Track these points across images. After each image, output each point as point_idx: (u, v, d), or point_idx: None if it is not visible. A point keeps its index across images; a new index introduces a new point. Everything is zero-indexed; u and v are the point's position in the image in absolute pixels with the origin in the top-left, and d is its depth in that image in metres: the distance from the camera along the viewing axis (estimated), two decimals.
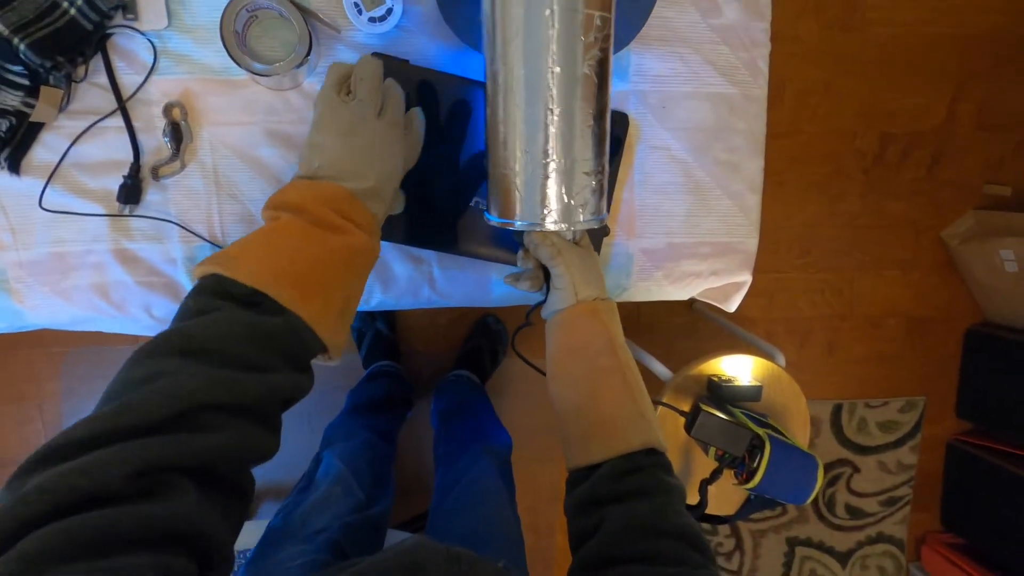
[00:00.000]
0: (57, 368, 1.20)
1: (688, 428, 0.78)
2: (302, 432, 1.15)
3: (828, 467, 1.50)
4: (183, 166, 0.70)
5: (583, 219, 0.53)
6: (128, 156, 0.68)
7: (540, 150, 0.50)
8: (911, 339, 1.47)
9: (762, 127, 0.80)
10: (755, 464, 0.73)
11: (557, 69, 0.49)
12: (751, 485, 0.74)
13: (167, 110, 0.68)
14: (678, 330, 1.40)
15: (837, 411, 1.48)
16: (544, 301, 0.60)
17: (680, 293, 0.84)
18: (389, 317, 1.44)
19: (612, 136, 0.73)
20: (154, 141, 0.69)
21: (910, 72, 1.36)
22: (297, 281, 0.43)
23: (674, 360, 0.98)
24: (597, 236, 0.76)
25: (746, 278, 0.84)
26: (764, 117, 0.79)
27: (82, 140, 0.68)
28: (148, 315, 0.74)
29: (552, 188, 0.51)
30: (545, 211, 0.52)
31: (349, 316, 0.49)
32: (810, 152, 1.33)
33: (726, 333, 1.36)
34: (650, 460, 0.48)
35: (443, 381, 1.37)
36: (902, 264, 1.45)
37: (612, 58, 0.54)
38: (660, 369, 0.95)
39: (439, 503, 0.89)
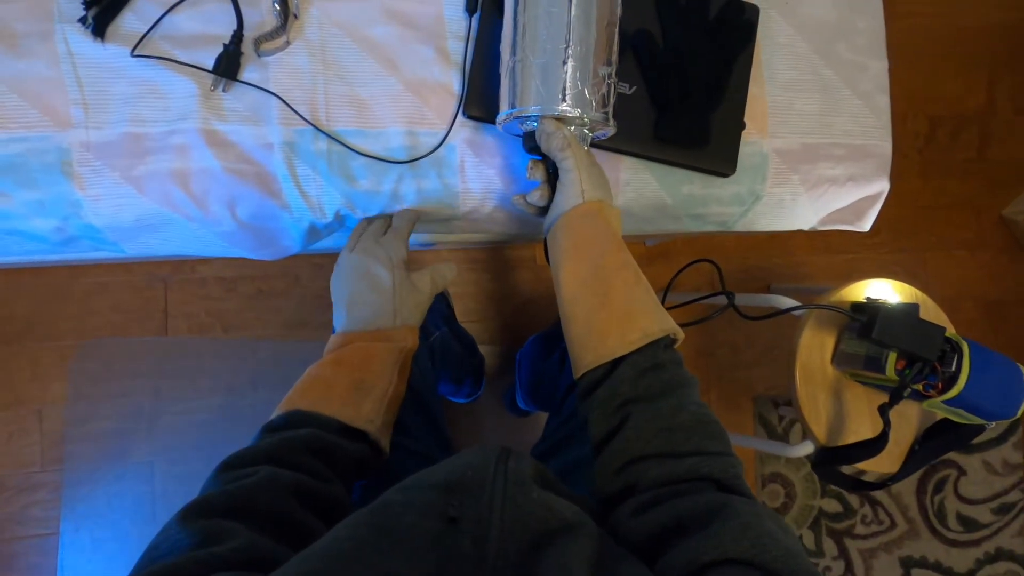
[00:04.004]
0: (66, 365, 1.02)
1: (866, 332, 0.66)
2: None
3: (931, 470, 1.35)
4: (288, 43, 0.62)
5: (595, 112, 0.54)
6: (226, 30, 0.61)
7: (561, 37, 0.53)
8: (991, 323, 1.41)
9: (881, 27, 0.78)
10: (953, 368, 0.61)
11: None
12: (952, 394, 0.61)
13: None
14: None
15: None
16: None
17: (813, 207, 0.77)
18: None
19: (743, 22, 0.70)
20: (257, 16, 0.62)
21: (944, 60, 1.42)
22: (319, 390, 0.51)
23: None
24: (733, 130, 0.70)
25: (883, 187, 0.78)
26: (882, 18, 0.78)
27: (177, 10, 0.60)
28: (231, 213, 0.62)
29: (569, 73, 0.53)
30: (561, 96, 0.53)
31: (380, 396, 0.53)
32: None
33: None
34: (668, 355, 0.48)
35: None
36: (968, 244, 1.42)
37: None
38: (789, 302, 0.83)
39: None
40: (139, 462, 1.05)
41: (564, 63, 0.53)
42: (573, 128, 0.56)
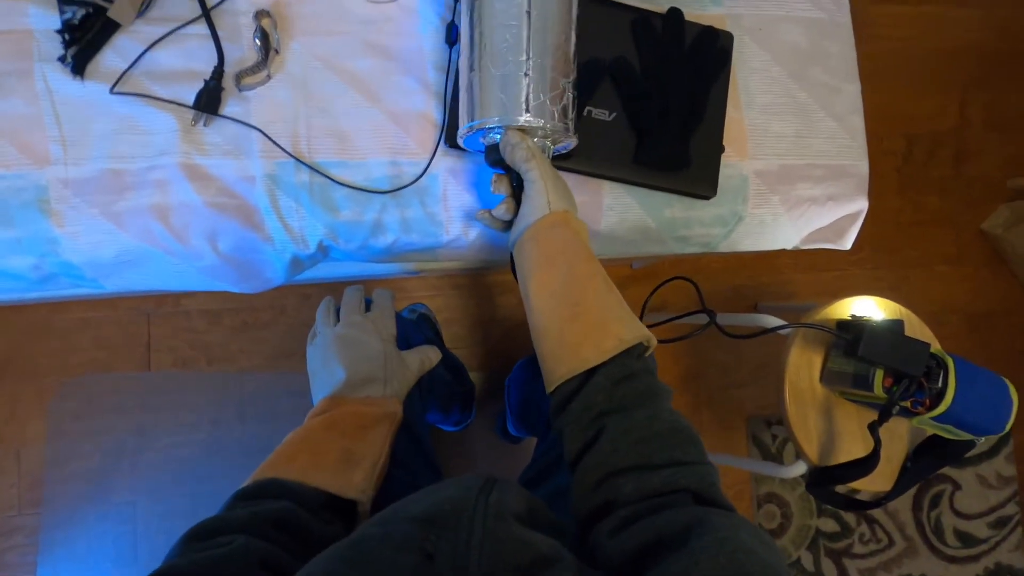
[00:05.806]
0: (45, 404, 0.99)
1: (852, 349, 0.66)
2: None
3: (925, 485, 1.35)
4: (269, 77, 0.63)
5: (557, 122, 0.54)
6: (207, 66, 0.61)
7: (520, 49, 0.53)
8: (978, 337, 1.42)
9: (852, 53, 0.80)
10: (939, 384, 0.62)
11: None
12: (939, 411, 0.61)
13: (258, 16, 0.62)
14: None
15: None
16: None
17: (794, 227, 0.77)
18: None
19: (718, 48, 0.72)
20: (237, 51, 0.63)
21: (915, 81, 1.47)
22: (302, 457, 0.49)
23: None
24: (713, 153, 0.71)
25: (862, 205, 0.79)
26: (853, 43, 0.80)
27: (158, 47, 0.61)
28: (212, 247, 0.62)
29: (530, 84, 0.53)
30: (524, 107, 0.53)
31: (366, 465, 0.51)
32: None
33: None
34: (641, 364, 0.48)
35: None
36: (950, 259, 1.44)
37: None
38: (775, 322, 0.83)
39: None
40: (121, 501, 1.02)
41: (525, 74, 0.53)
42: (536, 140, 0.56)
